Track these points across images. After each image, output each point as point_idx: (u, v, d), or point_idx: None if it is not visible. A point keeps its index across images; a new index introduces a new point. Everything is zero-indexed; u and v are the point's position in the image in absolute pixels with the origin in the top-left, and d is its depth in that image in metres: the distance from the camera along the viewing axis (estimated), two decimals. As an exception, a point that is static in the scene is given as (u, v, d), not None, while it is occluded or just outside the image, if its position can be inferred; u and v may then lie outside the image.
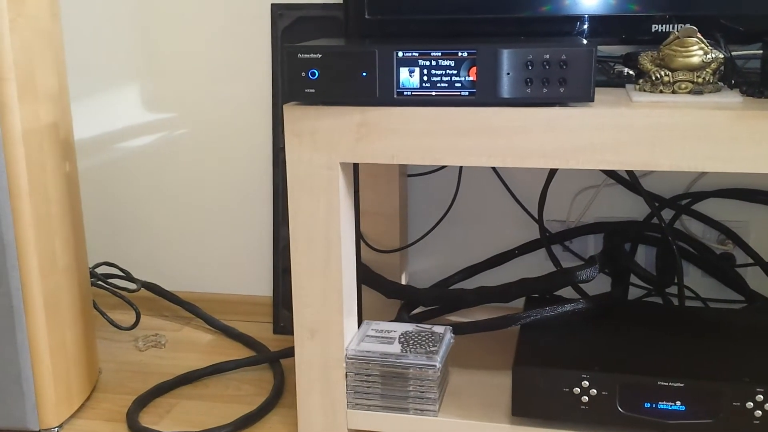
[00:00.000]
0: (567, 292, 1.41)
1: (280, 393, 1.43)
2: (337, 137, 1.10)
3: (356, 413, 1.20)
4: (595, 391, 1.11)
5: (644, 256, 1.54)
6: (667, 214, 1.49)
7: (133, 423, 1.33)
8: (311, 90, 1.07)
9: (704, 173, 1.47)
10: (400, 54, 1.05)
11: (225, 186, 1.75)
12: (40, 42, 1.25)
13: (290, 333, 1.67)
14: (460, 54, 1.04)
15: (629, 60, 1.23)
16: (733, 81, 1.12)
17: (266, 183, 1.72)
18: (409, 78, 1.05)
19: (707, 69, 1.08)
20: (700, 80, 1.08)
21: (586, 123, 1.02)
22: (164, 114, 1.74)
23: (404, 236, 1.59)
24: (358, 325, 1.27)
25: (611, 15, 1.24)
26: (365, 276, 1.48)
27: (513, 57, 1.02)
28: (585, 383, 1.11)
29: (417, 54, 1.04)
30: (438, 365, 1.16)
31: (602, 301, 1.31)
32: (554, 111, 1.03)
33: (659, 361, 1.14)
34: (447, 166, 1.55)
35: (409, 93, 1.06)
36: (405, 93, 1.06)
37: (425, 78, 1.05)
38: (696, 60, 1.07)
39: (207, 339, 1.70)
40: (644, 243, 1.51)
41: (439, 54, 1.04)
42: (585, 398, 1.12)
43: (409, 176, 1.60)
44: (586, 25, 1.25)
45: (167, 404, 1.42)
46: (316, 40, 1.16)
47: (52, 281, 1.28)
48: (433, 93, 1.05)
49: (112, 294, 1.71)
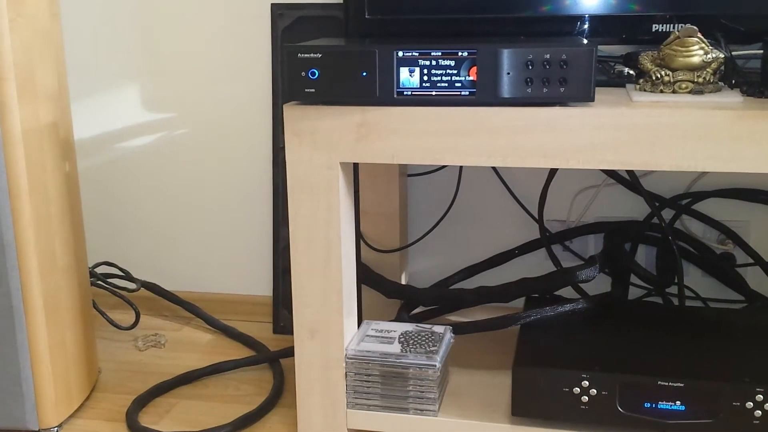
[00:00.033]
0: (567, 292, 1.41)
1: (280, 393, 1.43)
2: (337, 137, 1.10)
3: (356, 413, 1.20)
4: (595, 391, 1.11)
5: (644, 256, 1.54)
6: (668, 214, 1.49)
7: (133, 423, 1.33)
8: (311, 90, 1.07)
9: (704, 173, 1.47)
10: (401, 54, 1.05)
11: (225, 186, 1.75)
12: (40, 42, 1.25)
13: (290, 333, 1.67)
14: (461, 54, 1.03)
15: (629, 60, 1.23)
16: (734, 81, 1.12)
17: (266, 183, 1.72)
18: (410, 78, 1.05)
19: (708, 69, 1.08)
20: (701, 80, 1.08)
21: (587, 123, 1.02)
22: (164, 114, 1.74)
23: (404, 236, 1.59)
24: (358, 325, 1.27)
25: (612, 15, 1.24)
26: (365, 276, 1.47)
27: (513, 57, 1.02)
28: (585, 383, 1.11)
29: (417, 54, 1.04)
30: (438, 365, 1.16)
31: (602, 301, 1.31)
32: (554, 111, 1.03)
33: (659, 361, 1.14)
34: (447, 166, 1.55)
35: (410, 93, 1.06)
36: (405, 93, 1.06)
37: (425, 78, 1.05)
38: (696, 60, 1.07)
39: (207, 339, 1.70)
40: (644, 243, 1.51)
41: (440, 54, 1.04)
42: (585, 398, 1.12)
43: (409, 176, 1.60)
44: (587, 25, 1.25)
45: (167, 404, 1.42)
46: (316, 40, 1.16)
47: (52, 281, 1.28)
48: (434, 93, 1.05)
49: (112, 294, 1.71)
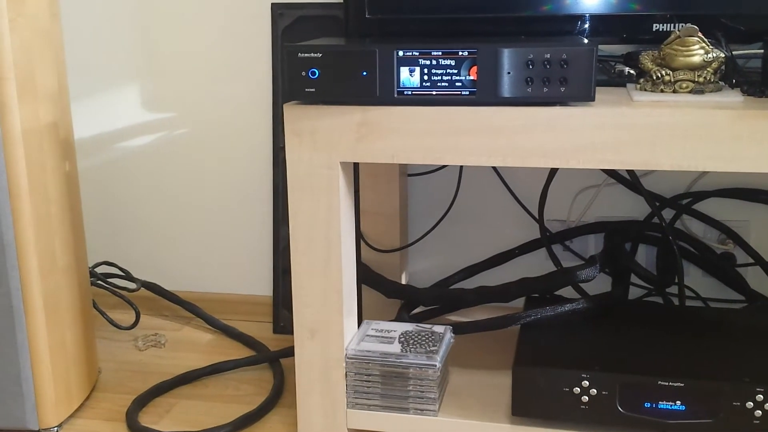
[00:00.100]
0: (567, 292, 1.41)
1: (280, 393, 1.43)
2: (338, 137, 1.09)
3: (356, 413, 1.20)
4: (595, 391, 1.11)
5: (645, 256, 1.54)
6: (668, 214, 1.49)
7: (133, 423, 1.33)
8: (311, 89, 1.07)
9: (705, 173, 1.47)
10: (401, 53, 1.04)
11: (225, 186, 1.75)
12: (40, 42, 1.25)
13: (290, 333, 1.67)
14: (461, 53, 1.03)
15: (630, 59, 1.23)
16: (734, 80, 1.12)
17: (266, 183, 1.72)
18: (410, 77, 1.05)
19: (708, 68, 1.08)
20: (701, 79, 1.08)
21: (587, 122, 1.02)
22: (164, 114, 1.74)
23: (404, 236, 1.59)
24: (358, 325, 1.27)
25: (612, 14, 1.24)
26: (365, 276, 1.47)
27: (514, 56, 1.02)
28: (585, 383, 1.11)
29: (417, 53, 1.04)
30: (438, 365, 1.16)
31: (602, 301, 1.31)
32: (555, 110, 1.03)
33: (659, 361, 1.14)
34: (447, 166, 1.55)
35: (410, 92, 1.06)
36: (405, 92, 1.06)
37: (426, 77, 1.05)
38: (697, 59, 1.07)
39: (207, 339, 1.70)
40: (645, 242, 1.51)
41: (440, 53, 1.04)
42: (585, 398, 1.12)
43: (409, 176, 1.60)
44: (587, 25, 1.25)
45: (167, 404, 1.42)
46: (317, 40, 1.16)
47: (52, 281, 1.28)
48: (434, 92, 1.05)
49: (112, 293, 1.71)
